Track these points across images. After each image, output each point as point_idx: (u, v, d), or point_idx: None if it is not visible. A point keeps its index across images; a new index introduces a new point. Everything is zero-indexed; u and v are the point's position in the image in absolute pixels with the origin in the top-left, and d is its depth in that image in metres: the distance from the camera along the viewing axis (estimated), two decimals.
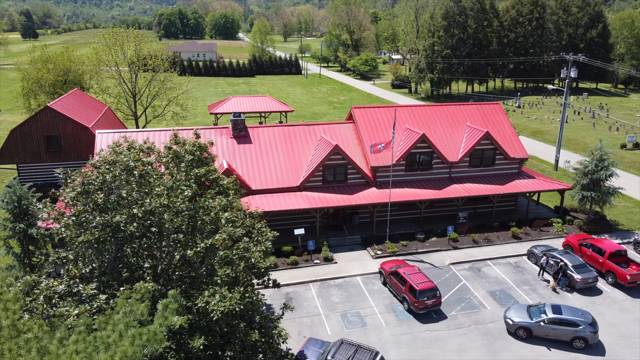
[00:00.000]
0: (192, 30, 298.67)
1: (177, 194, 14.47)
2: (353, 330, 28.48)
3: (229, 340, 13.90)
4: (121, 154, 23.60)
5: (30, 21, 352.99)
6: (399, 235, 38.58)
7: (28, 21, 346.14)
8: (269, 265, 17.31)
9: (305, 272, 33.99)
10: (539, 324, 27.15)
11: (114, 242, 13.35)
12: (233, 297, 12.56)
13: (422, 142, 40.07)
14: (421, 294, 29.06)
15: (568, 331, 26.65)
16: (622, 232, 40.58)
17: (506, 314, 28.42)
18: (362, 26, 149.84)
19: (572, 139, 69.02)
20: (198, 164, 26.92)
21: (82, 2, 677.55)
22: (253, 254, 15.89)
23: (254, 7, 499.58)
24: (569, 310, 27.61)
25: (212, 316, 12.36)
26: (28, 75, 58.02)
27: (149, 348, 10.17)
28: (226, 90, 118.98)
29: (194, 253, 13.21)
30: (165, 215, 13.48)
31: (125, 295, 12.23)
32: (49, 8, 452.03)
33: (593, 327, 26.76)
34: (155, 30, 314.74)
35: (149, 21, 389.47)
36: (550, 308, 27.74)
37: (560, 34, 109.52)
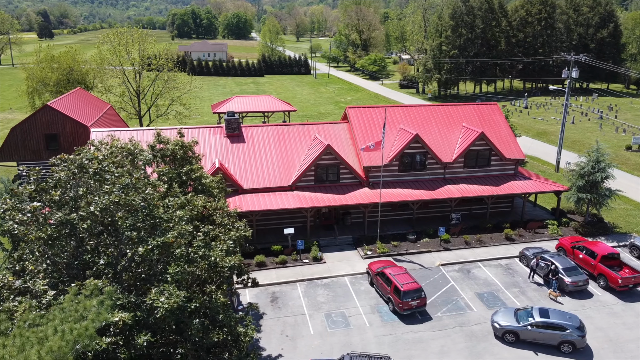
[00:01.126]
0: (205, 30, 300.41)
1: (138, 191, 14.56)
2: (336, 330, 28.42)
3: (186, 338, 13.96)
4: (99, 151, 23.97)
5: (47, 21, 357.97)
6: (390, 235, 38.43)
7: (45, 21, 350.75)
8: (233, 265, 17.31)
9: (293, 271, 34.00)
10: (525, 328, 26.81)
11: (69, 239, 13.50)
12: (178, 295, 12.61)
13: (416, 142, 39.85)
14: (405, 295, 28.90)
15: (555, 335, 26.29)
16: (619, 235, 39.95)
17: (493, 317, 28.11)
18: (371, 26, 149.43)
19: (577, 140, 68.12)
20: (181, 162, 27.21)
21: (99, 2, 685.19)
22: (213, 252, 15.94)
23: (268, 7, 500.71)
24: (557, 314, 27.26)
25: (155, 313, 12.43)
26: (32, 74, 58.84)
27: (81, 343, 10.24)
28: (234, 90, 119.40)
29: (145, 251, 13.30)
30: (119, 212, 13.60)
31: (74, 292, 12.36)
32: (66, 8, 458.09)
33: (581, 331, 26.41)
34: (168, 30, 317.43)
35: (164, 21, 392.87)
36: (538, 312, 27.40)
37: (570, 33, 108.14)
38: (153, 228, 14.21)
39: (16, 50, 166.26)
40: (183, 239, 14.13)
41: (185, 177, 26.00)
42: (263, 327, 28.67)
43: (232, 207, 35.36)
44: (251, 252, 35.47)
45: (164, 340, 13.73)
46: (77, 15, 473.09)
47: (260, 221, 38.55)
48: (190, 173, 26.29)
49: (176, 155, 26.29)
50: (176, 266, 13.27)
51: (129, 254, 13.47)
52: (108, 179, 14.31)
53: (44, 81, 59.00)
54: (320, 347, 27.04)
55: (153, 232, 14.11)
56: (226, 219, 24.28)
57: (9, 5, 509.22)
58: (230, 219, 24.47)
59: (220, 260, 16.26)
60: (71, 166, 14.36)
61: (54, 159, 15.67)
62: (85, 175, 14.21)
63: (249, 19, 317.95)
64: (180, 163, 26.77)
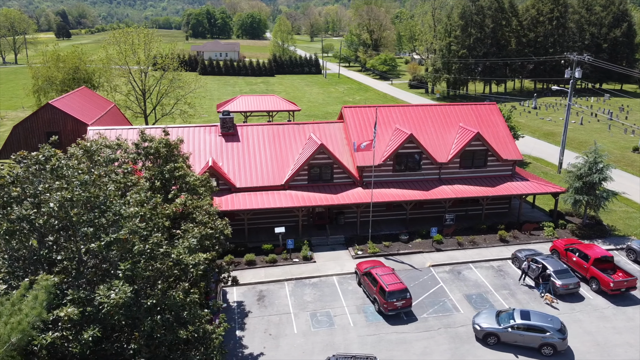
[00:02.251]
0: (220, 30, 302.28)
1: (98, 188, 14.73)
2: (320, 329, 28.40)
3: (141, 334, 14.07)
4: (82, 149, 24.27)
5: (66, 21, 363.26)
6: (383, 236, 38.28)
7: (63, 21, 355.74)
8: (198, 262, 17.39)
9: (282, 270, 34.05)
10: (506, 330, 26.54)
11: (29, 234, 13.71)
12: (124, 291, 12.71)
13: (410, 142, 39.62)
14: (390, 295, 28.76)
15: (536, 337, 25.98)
16: (617, 237, 39.27)
17: (475, 319, 27.86)
18: (382, 26, 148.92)
19: (583, 141, 67.10)
20: (166, 160, 27.42)
21: (117, 2, 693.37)
22: (175, 249, 16.03)
23: (283, 7, 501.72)
24: (538, 316, 26.93)
25: (101, 309, 12.55)
26: (38, 73, 59.77)
27: (15, 337, 10.38)
28: (244, 90, 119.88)
29: (99, 247, 13.45)
30: (75, 209, 13.76)
31: (24, 286, 12.54)
32: (84, 8, 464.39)
33: (562, 333, 26.07)
34: (183, 29, 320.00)
35: (179, 21, 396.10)
36: (519, 313, 27.10)
37: (583, 33, 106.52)
38: (113, 224, 14.36)
39: (32, 50, 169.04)
40: (137, 236, 14.24)
41: (168, 175, 26.22)
42: (247, 326, 28.76)
43: (223, 205, 35.71)
44: (242, 251, 35.72)
45: (115, 336, 13.87)
46: (95, 16, 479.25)
47: (253, 220, 38.69)
48: (173, 171, 26.51)
49: (160, 153, 26.52)
50: (128, 263, 13.39)
51: (83, 249, 13.63)
52: (68, 176, 14.50)
53: (50, 80, 59.85)
54: (302, 346, 27.05)
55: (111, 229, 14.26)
56: (206, 217, 24.40)
57: (30, 6, 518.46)
58: (210, 217, 24.57)
59: (183, 257, 16.35)
60: (30, 163, 14.59)
61: (15, 155, 15.93)
62: (44, 172, 14.41)
63: (263, 19, 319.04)
64: (165, 161, 27.01)
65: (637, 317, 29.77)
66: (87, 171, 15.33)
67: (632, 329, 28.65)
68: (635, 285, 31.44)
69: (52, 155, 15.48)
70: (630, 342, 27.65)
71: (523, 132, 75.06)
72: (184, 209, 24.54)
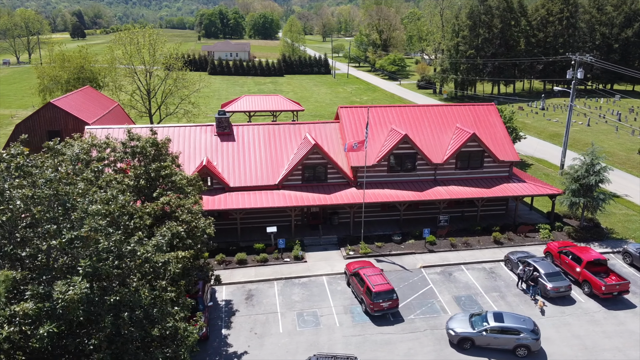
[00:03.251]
0: (232, 30, 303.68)
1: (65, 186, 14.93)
2: (305, 329, 28.42)
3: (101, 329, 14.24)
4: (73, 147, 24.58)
5: (82, 21, 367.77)
6: (376, 236, 38.19)
7: (79, 21, 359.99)
8: (167, 261, 17.53)
9: (272, 269, 34.13)
10: (481, 334, 26.13)
11: None
12: (80, 287, 12.87)
13: (405, 143, 39.45)
14: (377, 296, 28.68)
15: (511, 339, 25.77)
16: (614, 240, 38.73)
17: (448, 324, 27.32)
18: (391, 26, 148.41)
19: (589, 142, 65.97)
20: (154, 159, 27.67)
21: (133, 3, 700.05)
22: (143, 247, 16.19)
23: (296, 7, 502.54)
24: (511, 318, 26.70)
25: (56, 304, 12.73)
26: (43, 72, 60.59)
27: None
28: (252, 90, 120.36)
29: (60, 243, 13.64)
30: (39, 207, 13.98)
31: None
32: (100, 9, 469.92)
33: (535, 333, 25.93)
34: (196, 30, 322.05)
35: (193, 21, 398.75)
36: (492, 316, 26.79)
37: (593, 33, 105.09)
38: (76, 222, 14.55)
39: (46, 50, 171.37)
40: (99, 234, 14.40)
41: (154, 174, 26.47)
42: (233, 324, 28.88)
43: (216, 204, 35.94)
44: (234, 250, 35.89)
45: (80, 332, 14.05)
46: (110, 16, 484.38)
47: (246, 219, 38.86)
48: (159, 170, 26.74)
49: (147, 152, 26.76)
50: (88, 260, 13.56)
51: (45, 246, 13.83)
52: (33, 174, 14.75)
53: (55, 79, 60.65)
54: (286, 345, 27.10)
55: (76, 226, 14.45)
56: (188, 216, 24.56)
57: (47, 7, 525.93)
58: (193, 216, 24.72)
59: (151, 256, 16.50)
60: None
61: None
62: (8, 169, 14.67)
63: (276, 19, 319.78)
64: (152, 160, 27.24)
65: (628, 322, 29.34)
66: (54, 169, 15.53)
67: (622, 334, 28.24)
68: (627, 289, 30.98)
69: (19, 153, 15.74)
70: (619, 346, 27.26)
71: (528, 133, 74.49)
72: (166, 207, 24.70)
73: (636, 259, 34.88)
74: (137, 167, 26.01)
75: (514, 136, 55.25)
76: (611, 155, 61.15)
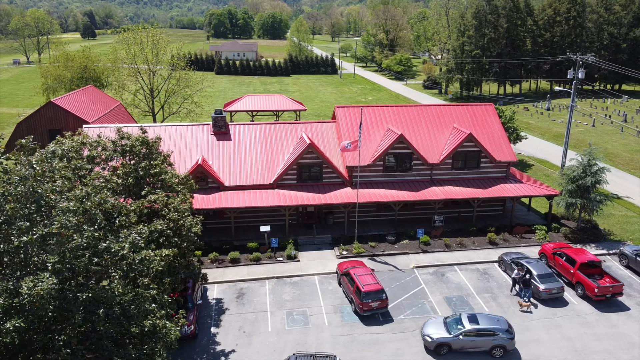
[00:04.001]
0: (241, 30, 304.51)
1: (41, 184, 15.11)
2: (294, 328, 28.46)
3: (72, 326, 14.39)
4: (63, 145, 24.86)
5: (93, 21, 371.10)
6: (370, 236, 38.14)
7: (90, 21, 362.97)
8: (143, 258, 17.66)
9: (265, 268, 34.22)
10: (457, 338, 25.69)
11: None
12: (47, 283, 13.01)
13: (400, 143, 39.36)
14: (366, 296, 28.66)
15: (487, 341, 25.57)
16: (611, 242, 38.34)
17: (424, 330, 26.63)
18: (398, 26, 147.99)
19: (593, 143, 65.43)
20: (144, 158, 27.86)
21: (144, 3, 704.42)
22: (118, 244, 16.33)
23: (306, 7, 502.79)
24: (486, 319, 26.45)
25: (22, 300, 12.89)
26: (47, 72, 61.18)
27: None
28: (258, 89, 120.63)
29: (30, 240, 13.81)
30: (12, 204, 14.18)
31: None
32: (111, 9, 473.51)
33: (510, 333, 25.83)
34: (205, 30, 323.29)
35: (203, 21, 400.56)
36: (467, 318, 26.46)
37: (601, 33, 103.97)
38: (48, 218, 14.71)
39: (55, 50, 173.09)
40: (71, 231, 14.55)
41: (142, 173, 26.65)
42: (223, 323, 29.00)
43: (210, 203, 36.11)
44: (227, 249, 36.03)
45: (46, 327, 14.21)
46: (121, 16, 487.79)
47: (241, 218, 39.00)
48: (148, 169, 26.93)
49: (135, 151, 26.96)
50: (57, 256, 13.71)
51: (16, 242, 14.01)
52: (9, 171, 14.96)
53: (58, 79, 61.24)
54: (274, 344, 27.16)
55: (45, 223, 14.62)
56: (175, 214, 24.70)
57: (60, 7, 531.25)
58: (180, 214, 24.86)
59: (127, 253, 16.64)
60: None
61: None
62: None
63: (285, 19, 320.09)
64: (142, 159, 27.43)
65: (621, 324, 29.05)
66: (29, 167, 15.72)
67: (613, 336, 27.97)
68: (621, 292, 30.66)
69: None
70: (610, 349, 27.00)
71: (532, 134, 74.01)
72: (153, 206, 24.86)
73: (632, 261, 34.52)
74: (126, 166, 26.21)
75: (514, 136, 54.92)
76: (614, 156, 60.57)
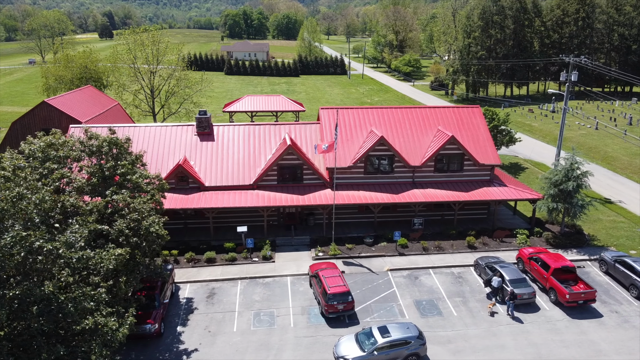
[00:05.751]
0: (256, 30, 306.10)
1: None
2: (259, 329, 28.60)
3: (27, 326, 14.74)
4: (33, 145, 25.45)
5: (112, 22, 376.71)
6: (349, 238, 38.10)
7: (109, 22, 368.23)
8: (81, 257, 17.98)
9: (239, 269, 34.44)
10: (372, 354, 24.71)
11: None
12: None
13: (382, 145, 39.26)
14: (332, 298, 28.68)
15: (401, 352, 25.00)
16: (594, 248, 37.71)
17: (336, 351, 25.48)
18: (408, 26, 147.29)
19: (592, 147, 64.56)
20: (114, 158, 28.30)
21: (164, 3, 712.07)
22: (50, 243, 16.67)
23: (323, 7, 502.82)
24: (397, 329, 25.77)
25: None
26: (48, 72, 62.32)
27: None
28: (265, 90, 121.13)
29: None
30: None
31: None
32: (130, 9, 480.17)
33: (421, 339, 25.49)
34: (221, 30, 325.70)
35: (219, 21, 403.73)
36: (378, 331, 25.67)
37: (611, 34, 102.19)
38: None
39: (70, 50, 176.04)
40: None
41: (108, 173, 27.08)
42: (190, 322, 29.26)
43: (189, 203, 36.48)
44: (203, 249, 36.34)
45: None
46: (139, 16, 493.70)
47: (221, 219, 39.29)
48: (115, 169, 27.34)
49: (102, 151, 27.40)
50: None
51: None
52: None
53: (59, 79, 62.32)
54: (237, 344, 27.33)
55: None
56: (135, 214, 25.02)
57: (81, 7, 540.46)
58: (140, 214, 25.16)
59: (63, 252, 16.99)
60: None
61: None
62: None
63: (299, 19, 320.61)
64: (110, 159, 27.86)
65: (591, 331, 28.61)
66: None
67: (581, 343, 27.55)
68: (594, 298, 30.16)
69: None
70: (576, 356, 26.61)
71: (534, 136, 73.17)
72: (113, 206, 25.23)
73: (611, 267, 33.93)
74: (91, 166, 26.66)
75: (507, 139, 54.31)
76: (613, 160, 59.56)
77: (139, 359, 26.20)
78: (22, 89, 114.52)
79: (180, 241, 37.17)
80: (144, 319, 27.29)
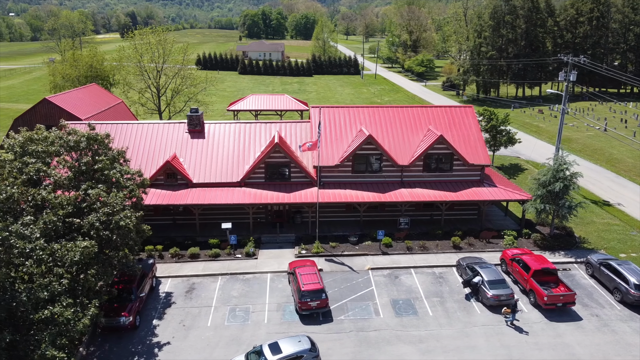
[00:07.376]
0: (274, 30, 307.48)
1: None
2: (233, 324, 28.86)
3: None
4: None
5: (135, 22, 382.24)
6: (333, 236, 38.15)
7: (132, 22, 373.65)
8: (35, 247, 18.47)
9: (221, 265, 34.77)
10: None
11: None
12: None
13: (369, 144, 39.20)
14: (305, 295, 28.81)
15: None
16: (583, 250, 37.06)
17: None
18: (422, 26, 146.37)
19: (598, 148, 63.34)
20: (92, 154, 28.89)
21: (187, 4, 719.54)
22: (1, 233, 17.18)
23: (343, 7, 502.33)
24: (288, 343, 24.76)
25: None
26: (55, 70, 63.71)
27: None
28: (276, 89, 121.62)
29: None
30: None
31: None
32: (153, 10, 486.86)
33: (314, 351, 24.74)
34: (240, 30, 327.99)
35: (239, 21, 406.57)
36: (269, 348, 24.49)
37: (627, 34, 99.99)
38: None
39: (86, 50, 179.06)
40: None
41: (84, 168, 27.66)
42: (166, 316, 29.68)
43: (176, 200, 36.97)
44: (188, 244, 36.78)
45: None
46: (162, 17, 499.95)
47: (207, 215, 39.71)
48: (91, 164, 27.91)
49: (80, 147, 27.99)
50: None
51: None
52: None
53: (66, 77, 63.67)
54: (209, 339, 27.63)
55: None
56: (106, 208, 25.49)
57: (106, 8, 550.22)
58: (111, 209, 25.61)
59: (13, 242, 17.51)
60: None
61: None
62: None
63: (318, 19, 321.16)
64: (88, 154, 28.44)
65: (567, 334, 28.16)
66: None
67: (555, 346, 27.15)
68: (573, 301, 29.68)
69: None
70: (548, 359, 26.23)
71: (540, 138, 72.12)
72: (86, 200, 25.75)
73: (596, 270, 33.32)
74: (67, 161, 27.27)
75: (505, 139, 53.67)
76: (617, 162, 58.37)
77: (112, 350, 26.70)
78: (38, 87, 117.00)
79: (166, 237, 37.70)
80: (119, 311, 27.80)
